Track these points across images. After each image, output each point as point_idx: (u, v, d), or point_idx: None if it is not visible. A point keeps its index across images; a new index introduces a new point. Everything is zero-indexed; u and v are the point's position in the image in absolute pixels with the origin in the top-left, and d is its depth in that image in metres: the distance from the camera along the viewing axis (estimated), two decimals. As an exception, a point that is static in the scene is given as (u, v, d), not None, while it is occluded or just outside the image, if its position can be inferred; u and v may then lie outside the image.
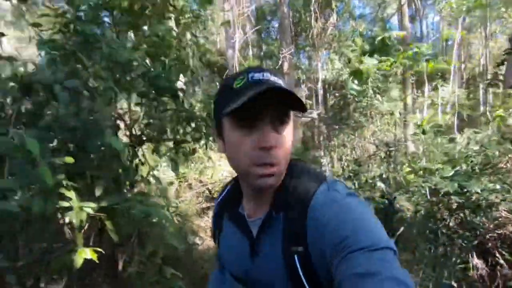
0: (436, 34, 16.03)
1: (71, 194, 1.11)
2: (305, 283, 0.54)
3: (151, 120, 2.03)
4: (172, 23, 2.41)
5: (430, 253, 2.93)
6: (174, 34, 2.01)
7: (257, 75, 0.55)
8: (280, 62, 9.08)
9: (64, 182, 1.12)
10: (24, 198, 0.93)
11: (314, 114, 8.31)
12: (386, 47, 4.25)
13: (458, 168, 2.94)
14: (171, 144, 1.84)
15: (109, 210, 1.36)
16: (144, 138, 2.03)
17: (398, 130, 8.18)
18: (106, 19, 2.11)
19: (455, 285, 2.55)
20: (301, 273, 0.54)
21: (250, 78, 0.54)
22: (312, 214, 0.54)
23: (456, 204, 2.87)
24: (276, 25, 11.43)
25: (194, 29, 2.74)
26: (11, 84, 1.02)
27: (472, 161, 3.23)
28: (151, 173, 1.70)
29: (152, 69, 1.82)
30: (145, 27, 2.05)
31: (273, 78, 0.55)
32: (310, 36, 8.57)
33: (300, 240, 0.54)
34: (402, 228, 3.45)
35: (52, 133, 1.03)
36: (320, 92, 8.79)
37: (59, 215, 1.15)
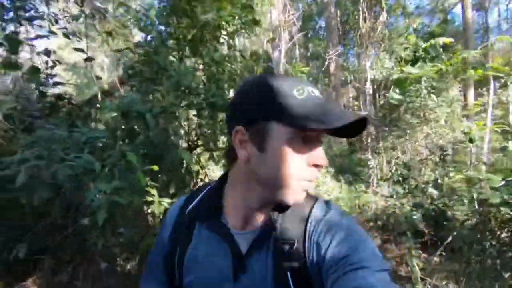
0: (510, 22, 14.15)
1: (154, 191, 1.51)
2: None
3: (205, 130, 2.41)
4: (225, 45, 2.77)
5: (478, 265, 2.83)
6: (227, 58, 2.36)
7: (316, 92, 0.54)
8: (326, 63, 9.03)
9: (149, 183, 1.52)
10: (127, 194, 1.34)
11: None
12: (431, 56, 4.06)
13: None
14: (223, 152, 2.20)
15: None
16: (200, 143, 2.43)
17: (457, 133, 7.49)
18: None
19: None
20: None
21: (311, 92, 0.53)
22: (311, 230, 0.54)
23: (508, 215, 2.72)
24: (323, 24, 11.33)
25: (242, 34, 3.02)
26: (115, 114, 1.45)
27: (534, 170, 2.99)
28: (208, 176, 2.07)
29: (208, 89, 2.19)
30: (203, 52, 2.43)
31: None
32: (358, 35, 8.37)
33: (296, 255, 0.53)
34: (450, 238, 3.34)
35: (143, 148, 1.43)
36: (369, 92, 8.53)
37: (145, 207, 1.57)
